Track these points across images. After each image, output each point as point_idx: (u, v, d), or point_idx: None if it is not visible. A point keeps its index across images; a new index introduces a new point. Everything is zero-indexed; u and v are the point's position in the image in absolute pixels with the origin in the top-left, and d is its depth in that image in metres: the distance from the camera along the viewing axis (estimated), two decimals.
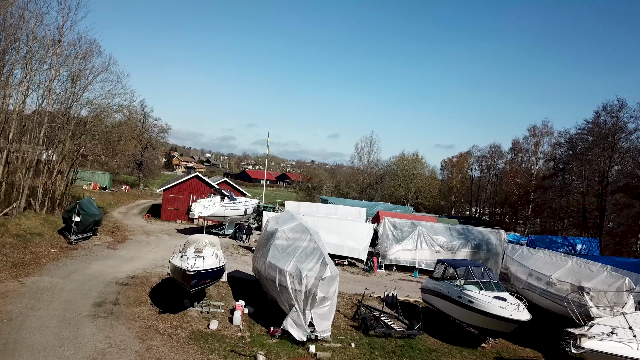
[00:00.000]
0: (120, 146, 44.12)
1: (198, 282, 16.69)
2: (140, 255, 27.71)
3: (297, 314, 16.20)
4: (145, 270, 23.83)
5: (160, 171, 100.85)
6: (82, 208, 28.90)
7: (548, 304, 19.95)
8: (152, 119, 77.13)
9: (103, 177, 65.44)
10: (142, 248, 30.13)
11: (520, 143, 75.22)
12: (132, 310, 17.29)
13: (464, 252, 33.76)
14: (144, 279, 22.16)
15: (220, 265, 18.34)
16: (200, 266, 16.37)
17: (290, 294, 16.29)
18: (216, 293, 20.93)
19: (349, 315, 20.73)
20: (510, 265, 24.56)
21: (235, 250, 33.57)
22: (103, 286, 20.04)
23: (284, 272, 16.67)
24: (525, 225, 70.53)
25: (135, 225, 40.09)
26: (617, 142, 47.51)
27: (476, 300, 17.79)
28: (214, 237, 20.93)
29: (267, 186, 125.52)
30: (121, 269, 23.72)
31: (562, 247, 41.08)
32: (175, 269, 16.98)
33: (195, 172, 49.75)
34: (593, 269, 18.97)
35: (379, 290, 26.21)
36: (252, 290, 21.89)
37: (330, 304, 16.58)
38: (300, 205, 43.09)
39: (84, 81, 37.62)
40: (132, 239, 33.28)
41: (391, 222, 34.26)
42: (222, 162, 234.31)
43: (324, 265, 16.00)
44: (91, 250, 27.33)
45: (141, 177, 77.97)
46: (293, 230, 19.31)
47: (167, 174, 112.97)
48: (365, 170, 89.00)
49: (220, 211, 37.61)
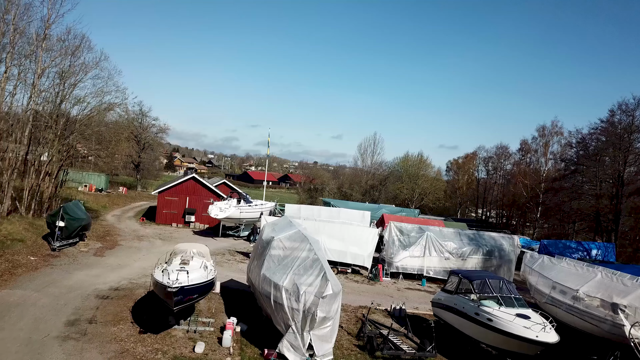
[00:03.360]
0: (112, 146, 42.11)
1: (182, 299, 14.73)
2: (128, 263, 25.79)
3: (294, 336, 14.23)
4: (131, 281, 21.90)
5: (161, 172, 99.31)
6: (67, 212, 27.04)
7: (575, 321, 17.91)
8: (150, 118, 75.52)
9: (99, 178, 63.66)
10: (131, 255, 28.22)
11: (529, 143, 73.14)
12: (109, 330, 15.34)
13: (475, 259, 31.75)
14: (128, 291, 20.24)
15: (208, 279, 16.37)
16: (185, 281, 14.40)
17: (286, 313, 14.33)
18: (206, 307, 19.01)
19: (352, 333, 18.73)
20: (530, 276, 22.50)
21: (231, 257, 31.64)
22: (81, 300, 18.12)
23: (279, 288, 14.71)
24: (534, 229, 68.38)
25: (128, 229, 38.20)
26: (633, 142, 45.48)
27: (496, 318, 15.79)
28: (203, 246, 18.97)
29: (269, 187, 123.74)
30: (105, 279, 21.81)
31: (576, 252, 39.10)
32: (156, 284, 15.04)
33: (192, 174, 47.78)
34: (627, 283, 16.91)
35: (385, 301, 24.24)
36: (246, 303, 19.95)
37: (332, 324, 14.62)
38: (301, 208, 41.13)
39: (74, 78, 35.91)
40: (122, 244, 31.36)
41: (397, 227, 32.25)
42: (225, 163, 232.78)
43: (325, 281, 14.02)
44: (75, 258, 25.42)
45: (139, 178, 76.15)
46: (291, 238, 17.35)
47: (168, 175, 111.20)
48: (369, 171, 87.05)
49: (235, 214, 38.35)
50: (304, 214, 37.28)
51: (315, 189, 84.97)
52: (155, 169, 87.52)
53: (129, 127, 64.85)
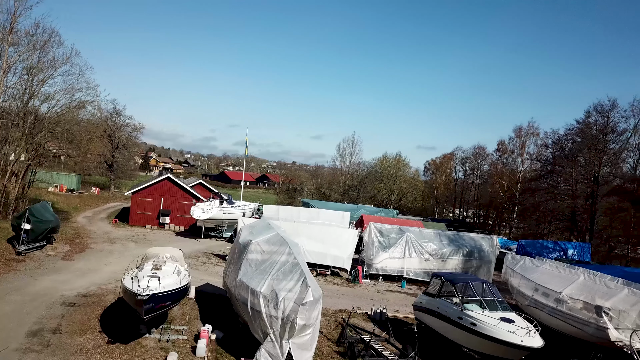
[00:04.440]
0: (84, 146, 40.63)
1: (154, 307, 13.89)
2: (99, 268, 24.68)
3: (273, 344, 13.55)
4: (100, 287, 20.87)
5: (136, 172, 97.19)
6: (34, 214, 25.75)
7: (558, 324, 17.66)
8: (124, 117, 73.55)
9: (70, 178, 61.62)
10: (102, 259, 27.06)
11: (506, 144, 73.63)
12: (75, 341, 14.41)
13: (455, 260, 31.57)
14: (97, 297, 19.23)
15: (182, 285, 15.54)
16: (156, 288, 13.56)
17: (264, 321, 13.64)
18: (180, 314, 18.15)
19: (333, 338, 18.15)
20: (512, 278, 22.26)
21: (207, 260, 30.72)
22: (45, 308, 17.09)
23: (257, 294, 14.02)
24: (510, 229, 68.96)
25: (100, 231, 36.86)
26: (608, 143, 46.10)
27: (480, 322, 15.41)
28: (177, 250, 18.12)
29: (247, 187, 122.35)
30: (73, 284, 20.73)
31: (553, 252, 39.36)
32: (126, 291, 14.16)
33: (167, 174, 46.53)
34: (610, 285, 16.73)
35: (365, 304, 23.75)
36: (223, 309, 19.17)
37: (312, 331, 13.99)
38: (280, 209, 40.37)
39: (43, 74, 34.47)
40: (92, 247, 30.12)
41: (377, 228, 31.81)
42: (202, 163, 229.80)
43: (306, 287, 13.39)
44: (42, 262, 24.20)
45: (112, 178, 74.16)
46: (269, 242, 16.68)
47: (146, 175, 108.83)
48: (348, 171, 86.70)
49: (218, 215, 38.42)
50: (282, 215, 36.58)
51: (293, 189, 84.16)
52: (129, 169, 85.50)
53: (102, 125, 63.02)
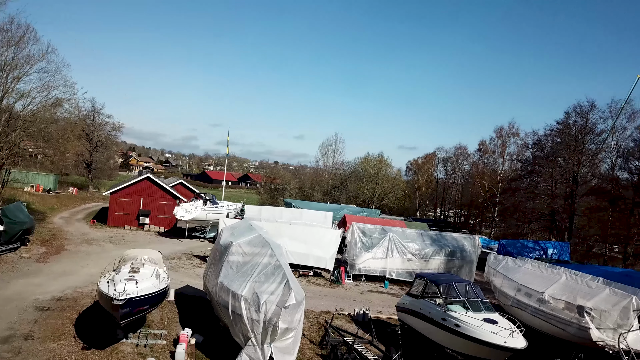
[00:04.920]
0: (60, 145, 39.62)
1: (131, 312, 13.47)
2: (75, 270, 24.00)
3: (254, 349, 13.22)
4: (76, 290, 20.26)
5: (115, 172, 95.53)
6: (7, 215, 24.96)
7: (541, 324, 17.70)
8: (103, 116, 72.06)
9: (47, 178, 60.18)
10: (79, 261, 26.34)
11: (487, 144, 74.28)
12: (48, 347, 13.90)
13: (438, 260, 31.64)
14: (72, 301, 18.65)
15: (160, 289, 15.12)
16: (133, 292, 13.15)
17: (245, 324, 13.32)
18: (159, 317, 17.70)
19: (315, 341, 17.91)
20: (494, 278, 22.30)
21: (187, 261, 30.19)
22: (18, 313, 16.47)
23: (238, 297, 13.70)
24: (491, 228, 69.63)
25: (77, 232, 35.97)
26: (586, 143, 46.80)
27: (463, 323, 15.33)
28: (155, 252, 17.64)
29: (229, 187, 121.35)
30: (47, 288, 20.08)
31: (533, 251, 39.76)
32: (102, 295, 13.70)
33: (147, 173, 45.73)
34: (592, 285, 16.82)
35: (348, 305, 23.57)
36: (203, 312, 18.76)
37: (295, 335, 13.68)
38: (262, 209, 39.97)
39: (17, 71, 33.49)
40: (69, 249, 29.33)
41: (360, 228, 31.69)
42: (183, 162, 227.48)
43: (288, 289, 13.10)
44: (15, 265, 23.42)
45: (91, 178, 72.71)
46: (251, 243, 16.36)
47: (126, 175, 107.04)
48: (330, 171, 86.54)
49: (202, 215, 38.95)
50: (264, 216, 36.24)
51: (276, 189, 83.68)
52: (109, 169, 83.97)
53: (80, 124, 61.67)
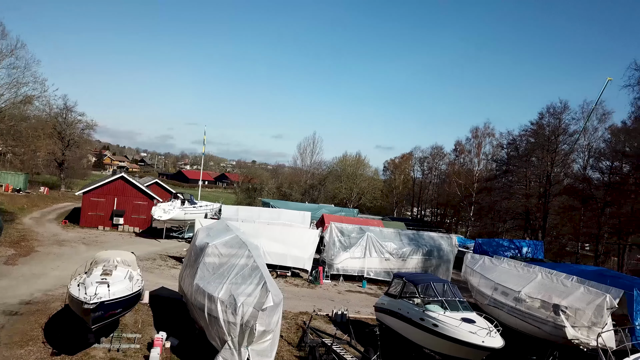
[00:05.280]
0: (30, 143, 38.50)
1: (102, 315, 13.05)
2: (45, 272, 23.27)
3: (231, 352, 12.94)
4: (46, 293, 19.62)
5: (89, 171, 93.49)
6: None
7: (517, 323, 17.88)
8: (75, 114, 70.26)
9: (16, 177, 58.38)
10: (49, 262, 25.56)
11: (463, 144, 75.24)
12: (15, 353, 13.37)
13: (415, 259, 31.79)
14: (42, 304, 18.04)
15: (134, 291, 14.71)
16: (104, 296, 12.74)
17: (222, 327, 13.03)
18: (133, 320, 17.24)
19: (293, 342, 17.71)
20: (471, 277, 22.48)
21: (163, 262, 29.63)
22: None
23: (214, 300, 13.40)
24: (467, 227, 70.51)
25: (48, 233, 34.96)
26: (560, 143, 47.72)
27: (441, 323, 15.34)
28: (128, 253, 17.20)
29: (205, 187, 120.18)
30: (15, 291, 19.38)
31: (508, 250, 40.28)
32: (72, 299, 13.24)
33: (121, 173, 44.78)
34: (567, 284, 17.06)
35: (326, 306, 23.42)
36: (178, 314, 18.37)
37: (273, 337, 13.47)
38: (239, 209, 39.54)
39: None
40: (39, 250, 28.46)
41: (338, 228, 31.60)
42: (158, 161, 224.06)
43: (266, 291, 12.87)
44: None
45: (63, 177, 70.91)
46: (227, 244, 16.05)
47: (102, 174, 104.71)
48: (308, 171, 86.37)
49: (180, 215, 38.70)
50: (242, 216, 35.87)
51: (253, 188, 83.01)
52: (82, 168, 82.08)
53: (51, 122, 60.11)
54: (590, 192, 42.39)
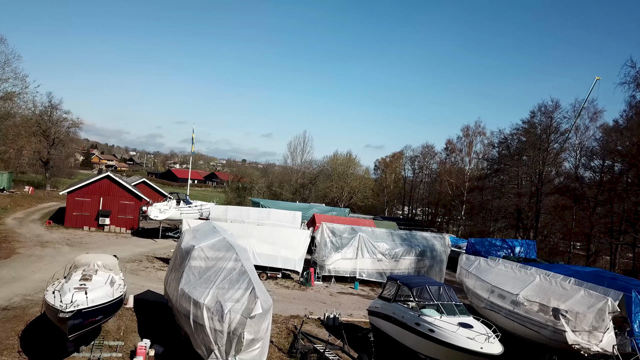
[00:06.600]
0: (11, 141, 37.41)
1: (81, 324, 12.29)
2: (25, 275, 22.37)
3: None
4: (25, 297, 18.75)
5: (76, 170, 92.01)
6: None
7: (515, 327, 17.36)
8: (61, 112, 68.59)
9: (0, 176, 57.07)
10: (30, 265, 24.63)
11: (454, 143, 74.88)
12: None
13: (408, 260, 31.23)
14: (20, 310, 17.21)
15: (115, 298, 13.94)
16: (82, 303, 11.98)
17: (208, 335, 12.32)
18: (116, 327, 16.48)
19: (284, 348, 17.04)
20: (467, 279, 21.93)
21: (149, 264, 28.78)
22: None
23: (200, 306, 12.69)
24: (458, 226, 70.27)
25: (31, 234, 33.93)
26: (551, 142, 47.51)
27: (438, 328, 14.77)
28: (110, 257, 16.42)
29: (195, 186, 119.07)
30: None
31: (501, 250, 40.00)
32: (48, 306, 12.45)
33: (107, 172, 43.77)
34: (566, 287, 16.56)
35: (318, 308, 22.77)
36: (164, 319, 17.62)
37: (262, 345, 12.75)
38: (228, 209, 38.78)
39: None
40: (20, 252, 27.48)
41: (330, 228, 30.95)
42: (147, 160, 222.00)
43: (254, 297, 12.18)
44: None
45: (48, 176, 69.44)
46: (214, 247, 15.33)
47: (91, 173, 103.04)
48: (299, 170, 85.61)
49: (175, 215, 38.29)
50: (231, 216, 35.14)
51: (243, 188, 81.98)
52: (68, 167, 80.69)
53: (35, 120, 58.73)
54: (582, 191, 42.18)
